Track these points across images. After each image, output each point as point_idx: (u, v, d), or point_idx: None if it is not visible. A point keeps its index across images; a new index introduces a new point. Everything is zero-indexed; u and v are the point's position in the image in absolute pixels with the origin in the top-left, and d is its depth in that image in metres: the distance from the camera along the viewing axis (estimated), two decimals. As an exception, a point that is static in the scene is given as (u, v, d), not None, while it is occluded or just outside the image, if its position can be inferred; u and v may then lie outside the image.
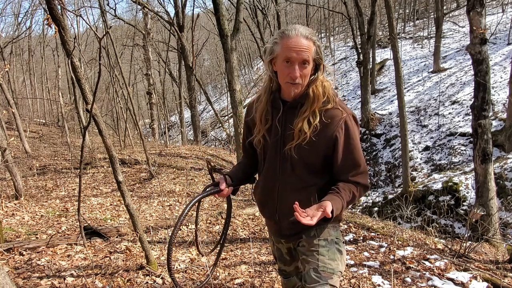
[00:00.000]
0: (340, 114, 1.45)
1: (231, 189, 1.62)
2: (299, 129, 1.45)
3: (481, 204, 5.62)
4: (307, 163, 1.49)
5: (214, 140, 23.80)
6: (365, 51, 14.60)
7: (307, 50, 1.39)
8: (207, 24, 23.42)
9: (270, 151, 1.56)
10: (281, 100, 1.53)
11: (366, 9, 23.69)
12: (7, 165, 4.93)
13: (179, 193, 6.16)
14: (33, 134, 13.82)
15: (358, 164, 1.49)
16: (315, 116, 1.44)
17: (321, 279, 1.44)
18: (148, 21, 15.20)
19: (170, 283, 2.74)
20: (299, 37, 1.39)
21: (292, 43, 1.39)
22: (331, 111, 1.45)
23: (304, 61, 1.40)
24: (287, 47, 1.40)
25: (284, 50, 1.41)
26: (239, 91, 6.78)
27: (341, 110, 1.46)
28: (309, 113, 1.45)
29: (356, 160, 1.48)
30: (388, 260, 3.43)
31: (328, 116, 1.45)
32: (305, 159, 1.49)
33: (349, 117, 1.47)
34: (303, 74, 1.42)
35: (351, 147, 1.46)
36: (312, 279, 1.45)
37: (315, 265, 1.48)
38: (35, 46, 20.82)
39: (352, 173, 1.48)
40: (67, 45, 2.36)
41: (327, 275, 1.45)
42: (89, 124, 2.57)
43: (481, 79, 5.48)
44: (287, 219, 1.56)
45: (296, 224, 1.54)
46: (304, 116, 1.45)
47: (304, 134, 1.44)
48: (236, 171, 1.71)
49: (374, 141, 15.21)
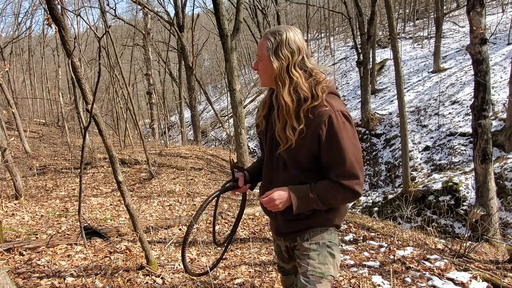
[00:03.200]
0: (324, 110, 1.40)
1: (249, 185, 1.69)
2: (285, 137, 1.47)
3: (481, 204, 5.62)
4: (297, 161, 1.49)
5: (214, 140, 23.81)
6: (365, 51, 14.60)
7: (259, 46, 1.48)
8: (207, 24, 23.43)
9: (267, 148, 1.59)
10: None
11: (366, 9, 23.72)
12: (7, 165, 4.93)
13: (179, 193, 6.16)
14: (33, 134, 13.82)
15: (342, 163, 1.39)
16: (300, 121, 1.41)
17: (309, 283, 1.44)
18: (148, 21, 15.20)
19: (170, 283, 2.74)
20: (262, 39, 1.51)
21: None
22: (317, 108, 1.41)
23: (257, 56, 1.51)
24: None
25: None
26: (239, 91, 6.78)
27: (327, 106, 1.40)
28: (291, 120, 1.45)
29: (340, 159, 1.39)
30: (388, 260, 3.44)
31: (312, 112, 1.41)
32: (295, 157, 1.48)
33: (336, 113, 1.39)
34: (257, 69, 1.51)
35: (334, 145, 1.39)
36: (301, 283, 1.46)
37: (304, 269, 1.48)
38: (35, 46, 20.82)
39: (336, 172, 1.41)
40: (67, 45, 2.36)
41: (315, 279, 1.45)
42: (90, 124, 2.57)
43: (481, 79, 5.48)
44: (281, 216, 1.57)
45: (291, 222, 1.55)
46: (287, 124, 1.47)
47: (291, 140, 1.44)
48: (254, 167, 1.75)
49: (374, 141, 15.21)
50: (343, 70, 24.17)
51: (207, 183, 7.22)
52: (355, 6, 15.24)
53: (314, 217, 1.52)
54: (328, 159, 1.42)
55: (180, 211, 5.14)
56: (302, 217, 1.52)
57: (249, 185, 1.70)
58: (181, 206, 5.42)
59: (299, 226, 1.54)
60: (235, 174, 1.71)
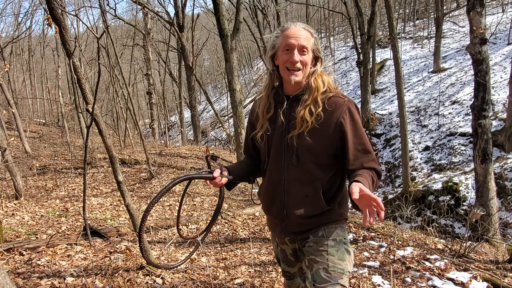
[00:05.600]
0: (342, 101, 1.47)
1: (225, 180, 1.56)
2: (301, 117, 1.46)
3: (481, 204, 5.61)
4: (313, 153, 1.48)
5: (214, 140, 23.79)
6: (365, 51, 14.59)
7: (305, 38, 1.46)
8: (207, 24, 23.40)
9: (275, 144, 1.55)
10: (284, 95, 1.56)
11: (366, 9, 23.70)
12: (7, 165, 4.93)
13: (179, 193, 6.16)
14: (33, 134, 13.82)
15: (369, 150, 1.47)
16: (317, 105, 1.45)
17: (331, 279, 1.44)
18: (148, 21, 15.21)
19: (170, 283, 2.74)
20: (297, 28, 1.48)
21: (291, 32, 1.47)
22: (334, 99, 1.48)
23: (303, 47, 1.46)
24: (286, 36, 1.47)
25: (284, 40, 1.48)
26: (239, 91, 6.79)
27: (343, 98, 1.48)
28: (310, 102, 1.46)
29: (366, 146, 1.46)
30: (388, 260, 3.44)
31: (330, 103, 1.46)
32: (311, 149, 1.47)
33: (352, 104, 1.48)
34: (303, 60, 1.46)
35: (359, 132, 1.46)
36: (323, 278, 1.45)
37: (325, 265, 1.47)
38: (35, 46, 20.83)
39: (365, 159, 1.46)
40: (68, 45, 2.36)
41: (337, 275, 1.45)
42: (91, 124, 2.57)
43: (481, 79, 5.48)
44: (295, 215, 1.54)
45: (304, 220, 1.54)
46: (305, 104, 1.47)
47: (306, 122, 1.45)
48: (235, 166, 1.69)
49: (374, 141, 15.20)
50: (343, 70, 24.16)
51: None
52: (355, 6, 15.22)
53: (329, 213, 1.53)
54: (356, 147, 1.46)
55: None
56: (318, 214, 1.52)
57: (226, 180, 1.55)
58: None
59: (313, 223, 1.54)
60: (211, 165, 1.61)
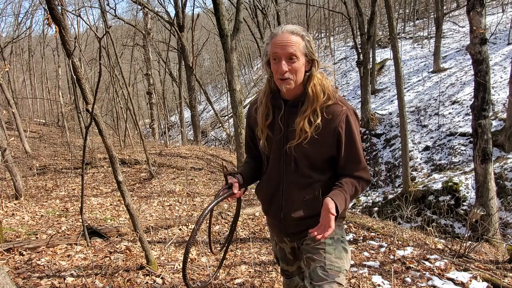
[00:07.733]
0: (341, 109, 1.46)
1: (243, 190, 1.63)
2: (300, 129, 1.45)
3: (481, 204, 5.61)
4: (311, 161, 1.50)
5: (214, 140, 23.79)
6: (365, 51, 14.59)
7: (293, 44, 1.40)
8: (207, 24, 23.40)
9: (274, 150, 1.57)
10: (282, 100, 1.54)
11: (366, 9, 23.70)
12: (7, 165, 4.93)
13: (179, 193, 6.16)
14: (33, 134, 13.81)
15: (360, 160, 1.50)
16: (317, 116, 1.45)
17: (328, 277, 1.45)
18: (148, 21, 15.21)
19: (170, 283, 2.74)
20: (285, 33, 1.42)
21: (278, 39, 1.42)
22: (332, 107, 1.46)
23: (291, 55, 1.40)
24: (274, 44, 1.43)
25: (272, 48, 1.44)
26: (239, 91, 6.79)
27: (342, 105, 1.47)
28: (309, 112, 1.45)
29: (358, 156, 1.50)
30: (388, 260, 3.44)
31: (329, 111, 1.46)
32: (309, 157, 1.49)
33: (350, 112, 1.47)
34: (292, 69, 1.42)
35: (354, 142, 1.48)
36: (320, 277, 1.45)
37: (322, 263, 1.48)
38: (35, 46, 20.82)
39: (355, 169, 1.50)
40: (68, 45, 2.36)
41: (334, 273, 1.46)
42: (90, 124, 2.57)
43: (481, 79, 5.48)
44: (292, 217, 1.56)
45: (301, 221, 1.55)
46: (305, 115, 1.45)
47: (305, 133, 1.45)
48: (247, 170, 1.71)
49: (374, 141, 15.21)
50: (343, 70, 24.16)
51: (207, 183, 7.21)
52: (355, 6, 15.22)
53: None
54: (347, 157, 1.49)
55: (180, 211, 5.14)
56: (316, 215, 1.52)
57: (243, 189, 1.64)
58: (181, 206, 5.42)
59: (311, 224, 1.54)
60: (229, 180, 1.62)
